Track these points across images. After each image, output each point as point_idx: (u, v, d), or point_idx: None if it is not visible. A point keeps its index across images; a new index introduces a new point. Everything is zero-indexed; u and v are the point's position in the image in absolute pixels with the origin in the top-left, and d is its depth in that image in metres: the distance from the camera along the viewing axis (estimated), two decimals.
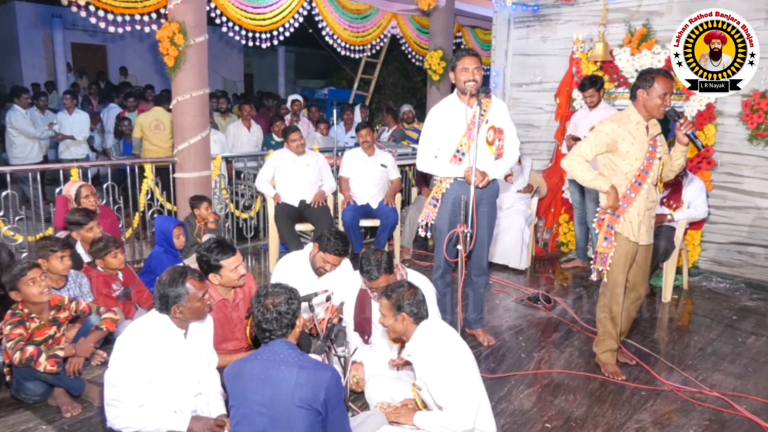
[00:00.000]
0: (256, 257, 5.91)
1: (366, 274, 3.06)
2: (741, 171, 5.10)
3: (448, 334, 2.62)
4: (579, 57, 5.76)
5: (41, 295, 3.00)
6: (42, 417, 2.99)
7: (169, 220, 4.52)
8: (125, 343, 2.43)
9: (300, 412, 2.10)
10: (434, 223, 3.73)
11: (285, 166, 5.40)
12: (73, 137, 7.43)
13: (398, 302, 2.56)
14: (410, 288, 2.60)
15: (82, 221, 3.99)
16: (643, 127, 3.32)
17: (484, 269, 3.89)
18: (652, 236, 3.49)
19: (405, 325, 2.57)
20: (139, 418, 2.37)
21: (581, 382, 3.51)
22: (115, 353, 2.44)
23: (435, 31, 7.39)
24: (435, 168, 3.67)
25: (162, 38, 4.95)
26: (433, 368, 2.47)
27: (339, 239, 3.39)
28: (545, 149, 6.23)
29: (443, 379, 2.45)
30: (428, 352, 2.51)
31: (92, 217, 4.06)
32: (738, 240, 5.20)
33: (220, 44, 12.59)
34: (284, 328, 2.23)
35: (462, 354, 2.56)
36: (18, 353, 2.85)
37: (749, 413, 3.16)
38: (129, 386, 2.37)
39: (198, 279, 2.54)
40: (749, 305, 4.78)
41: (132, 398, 2.37)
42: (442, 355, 2.49)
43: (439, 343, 2.54)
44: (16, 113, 7.03)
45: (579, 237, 5.61)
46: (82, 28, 12.18)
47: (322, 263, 3.44)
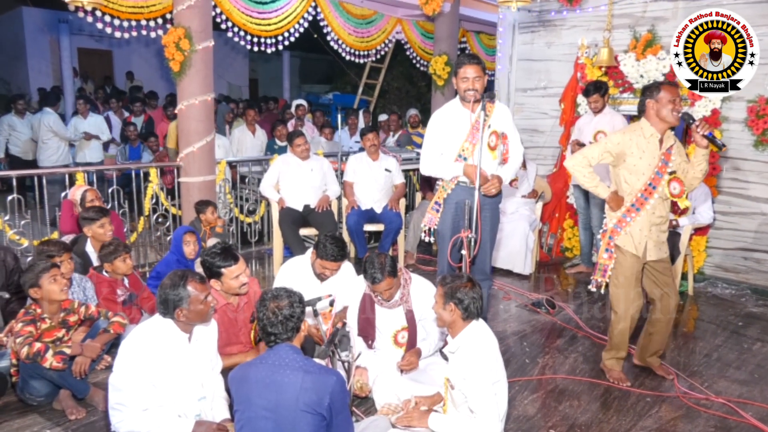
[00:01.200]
0: (260, 262, 5.92)
1: (369, 277, 3.06)
2: (746, 177, 5.09)
3: (493, 341, 2.59)
4: (584, 62, 5.77)
5: (61, 293, 3.06)
6: (47, 420, 3.00)
7: (183, 227, 4.47)
8: (129, 347, 2.44)
9: (305, 417, 2.10)
10: (437, 227, 3.72)
11: (289, 170, 5.42)
12: (99, 137, 7.56)
13: (451, 291, 2.51)
14: (468, 281, 2.55)
15: (95, 216, 4.00)
16: (656, 140, 3.29)
17: (488, 274, 3.87)
18: (664, 252, 3.43)
19: (453, 317, 2.52)
20: (144, 422, 2.38)
21: (586, 387, 3.50)
22: (120, 357, 2.44)
23: (440, 36, 7.41)
24: (437, 169, 3.64)
25: (168, 43, 4.98)
26: (477, 371, 2.42)
27: (335, 244, 3.38)
28: (550, 154, 6.23)
29: (484, 384, 2.41)
30: (475, 353, 2.46)
31: (105, 213, 4.08)
32: (743, 246, 5.18)
33: (225, 49, 12.65)
34: (289, 331, 2.23)
35: (501, 363, 2.55)
36: (26, 348, 2.89)
37: (755, 420, 3.14)
38: (133, 390, 2.38)
39: (199, 281, 2.54)
40: (755, 311, 4.76)
41: (136, 402, 2.38)
42: (487, 361, 2.46)
43: (486, 347, 2.51)
44: (51, 117, 7.16)
45: (583, 242, 5.60)
46: (89, 33, 12.27)
47: (322, 269, 3.45)
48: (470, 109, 3.48)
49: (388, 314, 3.24)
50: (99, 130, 7.56)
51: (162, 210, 5.63)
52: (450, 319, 2.53)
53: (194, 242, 4.29)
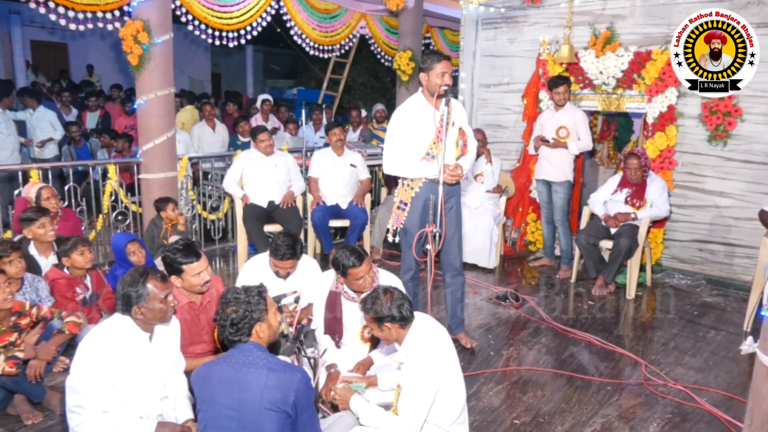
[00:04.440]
0: (224, 259, 5.84)
1: (350, 262, 2.99)
2: (701, 171, 5.25)
3: (439, 335, 2.57)
4: (545, 59, 5.85)
5: (4, 302, 2.93)
6: (2, 426, 2.90)
7: (123, 237, 4.13)
8: (88, 347, 2.37)
9: (269, 415, 2.08)
10: (404, 226, 3.71)
11: (253, 166, 5.35)
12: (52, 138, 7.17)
13: (377, 314, 2.49)
14: (386, 294, 2.53)
15: (33, 217, 3.84)
16: None
17: (459, 269, 3.87)
18: None
19: (394, 333, 2.51)
20: (104, 425, 2.31)
21: (549, 378, 3.56)
22: (77, 358, 2.37)
23: (404, 32, 7.42)
24: (405, 169, 3.62)
25: (125, 36, 4.85)
26: (423, 377, 2.41)
27: (285, 243, 3.34)
28: (513, 149, 6.31)
29: (417, 387, 2.40)
30: (422, 358, 2.43)
31: (44, 213, 3.92)
32: (699, 238, 5.35)
33: (185, 43, 12.37)
34: (241, 333, 2.19)
35: (448, 362, 2.51)
36: None
37: (709, 405, 3.26)
38: (92, 392, 2.31)
39: (160, 280, 2.48)
40: (709, 301, 4.93)
41: (95, 404, 2.31)
42: (435, 363, 2.43)
43: (433, 347, 2.48)
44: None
45: (546, 236, 5.70)
46: (41, 25, 11.84)
47: (275, 268, 3.42)
48: (434, 106, 3.48)
49: (355, 310, 3.23)
50: (49, 126, 7.17)
51: (122, 207, 5.48)
52: (394, 335, 2.52)
53: (139, 249, 3.98)
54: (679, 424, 3.12)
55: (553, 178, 5.34)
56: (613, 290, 5.01)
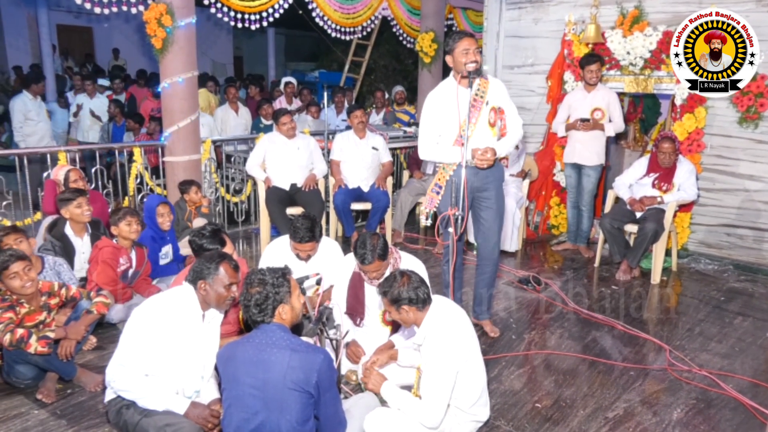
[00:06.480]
0: (247, 241, 5.90)
1: (359, 256, 3.05)
2: (731, 154, 5.12)
3: (459, 318, 2.58)
4: (571, 39, 5.73)
5: (23, 288, 2.97)
6: (35, 401, 2.99)
7: (156, 198, 4.42)
8: (146, 309, 2.46)
9: (292, 394, 2.11)
10: (438, 209, 3.69)
11: (275, 149, 5.37)
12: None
13: (395, 296, 2.51)
14: (403, 276, 2.55)
15: (71, 197, 3.95)
16: None
17: (495, 260, 3.81)
18: None
19: (411, 316, 2.53)
20: (140, 387, 2.38)
21: (571, 362, 3.55)
22: (134, 316, 2.46)
23: (426, 13, 7.32)
24: (438, 154, 3.58)
25: (149, 19, 4.87)
26: (443, 359, 2.42)
27: (303, 226, 3.36)
28: (537, 132, 6.22)
29: (444, 374, 2.42)
30: (441, 340, 2.46)
31: (82, 193, 4.03)
32: (727, 222, 5.24)
33: (208, 26, 12.40)
34: (265, 313, 2.22)
35: (467, 344, 2.52)
36: (8, 335, 2.85)
37: (735, 392, 3.21)
38: (138, 351, 2.39)
39: (233, 269, 2.55)
40: (736, 287, 4.84)
41: (138, 364, 2.38)
42: (454, 344, 2.45)
43: (452, 329, 2.50)
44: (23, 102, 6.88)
45: (571, 221, 5.62)
46: (67, 9, 11.94)
47: (295, 251, 3.45)
48: (467, 87, 3.43)
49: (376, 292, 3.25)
50: (102, 112, 7.73)
51: (147, 190, 5.56)
52: (412, 318, 2.54)
53: (168, 213, 4.24)
54: (704, 410, 3.08)
55: (586, 161, 5.24)
56: (637, 275, 4.95)
